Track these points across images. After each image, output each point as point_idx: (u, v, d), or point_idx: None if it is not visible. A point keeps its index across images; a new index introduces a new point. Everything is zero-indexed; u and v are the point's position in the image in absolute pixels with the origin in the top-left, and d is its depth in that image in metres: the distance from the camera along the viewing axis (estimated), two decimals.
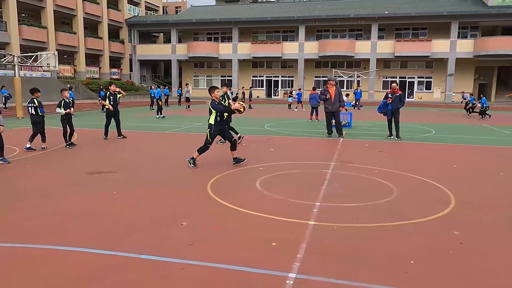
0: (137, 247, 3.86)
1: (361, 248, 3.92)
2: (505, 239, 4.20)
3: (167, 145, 10.76)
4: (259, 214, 4.85)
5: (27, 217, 4.75)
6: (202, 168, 7.56)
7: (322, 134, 12.74)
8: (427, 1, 39.87)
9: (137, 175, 7.05)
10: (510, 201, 5.62)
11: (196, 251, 3.79)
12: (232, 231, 4.35)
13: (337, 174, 7.12)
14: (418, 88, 40.50)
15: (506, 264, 3.61)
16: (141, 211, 5.00)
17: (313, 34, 41.71)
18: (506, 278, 3.35)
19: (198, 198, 5.60)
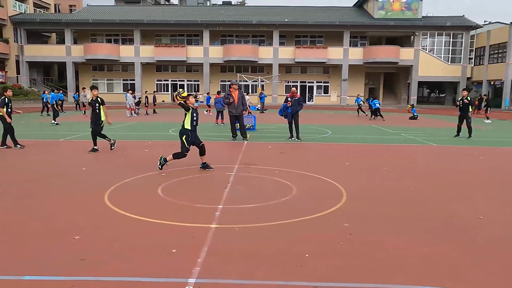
0: (22, 267, 3.47)
1: (261, 246, 4.03)
2: (388, 229, 4.67)
3: (62, 154, 9.93)
4: (159, 222, 4.72)
5: None
6: (100, 177, 7.13)
7: (227, 138, 12.88)
8: (323, 12, 42.89)
9: (29, 186, 6.37)
10: (393, 194, 6.28)
11: (89, 266, 3.54)
12: (130, 241, 4.16)
13: (241, 176, 7.25)
14: (317, 92, 43.26)
15: (389, 251, 4.01)
16: (30, 226, 4.52)
17: (218, 38, 42.10)
18: (388, 264, 3.71)
19: (94, 209, 5.26)
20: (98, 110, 9.94)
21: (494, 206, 5.65)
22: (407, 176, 7.56)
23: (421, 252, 3.95)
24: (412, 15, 39.76)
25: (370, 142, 12.78)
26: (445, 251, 3.98)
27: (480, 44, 40.86)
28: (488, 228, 4.70)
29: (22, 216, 4.95)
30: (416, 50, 39.77)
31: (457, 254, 3.92)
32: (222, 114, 17.78)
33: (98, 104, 9.91)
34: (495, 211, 5.38)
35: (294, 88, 12.96)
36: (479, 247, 4.12)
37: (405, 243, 4.18)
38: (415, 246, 4.11)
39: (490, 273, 3.53)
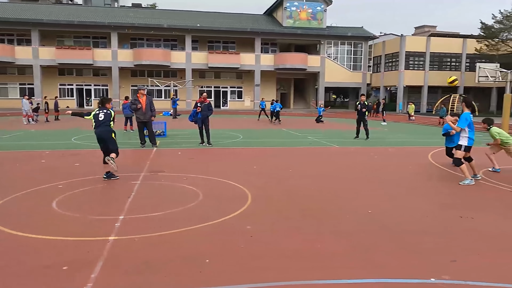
0: None
1: (160, 256, 3.96)
2: (288, 228, 4.89)
3: None
4: (51, 238, 4.39)
5: None
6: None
7: (135, 145, 12.41)
8: (235, 18, 43.57)
9: None
10: (295, 194, 6.59)
11: None
12: (15, 262, 3.80)
13: (146, 185, 7.05)
14: (230, 97, 43.75)
15: (285, 249, 4.20)
16: None
17: (127, 41, 40.46)
18: (287, 261, 3.89)
19: None
20: None
21: (384, 200, 6.24)
22: (310, 176, 7.99)
23: (315, 249, 4.20)
24: (318, 25, 42.26)
25: (279, 145, 13.27)
26: (336, 246, 4.29)
27: (377, 53, 44.82)
28: (378, 220, 5.17)
29: None
30: (322, 58, 42.30)
31: (350, 248, 4.25)
32: (131, 120, 17.11)
33: None
34: (384, 205, 5.95)
35: (205, 93, 12.95)
36: (370, 239, 4.52)
37: (301, 242, 4.42)
38: (310, 243, 4.36)
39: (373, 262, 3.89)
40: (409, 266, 3.80)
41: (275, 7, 44.45)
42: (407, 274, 3.64)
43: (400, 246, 4.32)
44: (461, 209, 5.75)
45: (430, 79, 40.19)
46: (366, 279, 3.53)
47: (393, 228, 4.92)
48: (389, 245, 4.35)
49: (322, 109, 26.03)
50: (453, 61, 41.01)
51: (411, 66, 40.23)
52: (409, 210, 5.77)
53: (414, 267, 3.78)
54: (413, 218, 5.36)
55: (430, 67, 40.32)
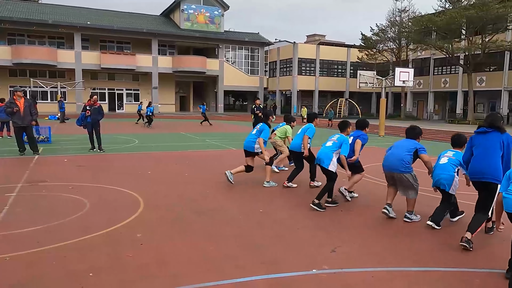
0: None
1: (37, 274, 3.60)
2: (177, 234, 4.83)
3: None
4: None
5: None
6: None
7: (14, 153, 11.11)
8: (130, 18, 41.75)
9: None
10: (187, 199, 6.54)
11: None
12: None
13: (24, 197, 6.35)
14: (127, 100, 41.80)
15: (177, 255, 4.14)
16: None
17: (4, 38, 36.18)
18: (178, 267, 3.83)
19: None
20: None
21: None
22: (204, 181, 8.00)
23: (208, 252, 4.23)
24: (215, 29, 42.65)
25: (176, 149, 13.06)
26: (228, 248, 4.37)
27: (273, 59, 46.91)
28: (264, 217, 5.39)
29: None
30: (221, 62, 42.81)
31: (241, 248, 4.36)
32: (8, 125, 15.25)
33: None
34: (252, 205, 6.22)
35: (95, 96, 12.10)
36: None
37: (193, 246, 4.40)
38: (199, 247, 4.37)
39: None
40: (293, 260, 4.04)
41: (172, 9, 43.71)
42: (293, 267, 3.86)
43: (288, 243, 4.57)
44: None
45: (320, 84, 43.36)
46: (255, 276, 3.66)
47: (284, 225, 5.19)
48: (279, 243, 4.57)
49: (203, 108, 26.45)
50: (339, 68, 44.83)
51: (303, 72, 42.91)
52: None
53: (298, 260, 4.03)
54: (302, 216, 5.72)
55: (320, 73, 43.49)
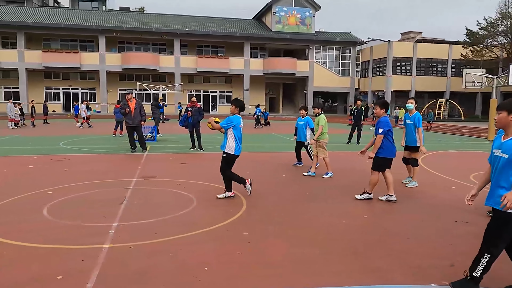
0: None
1: (157, 264, 3.88)
2: (280, 234, 4.85)
3: None
4: (43, 246, 4.26)
5: None
6: None
7: (126, 150, 12.26)
8: (224, 23, 43.59)
9: None
10: (291, 199, 6.56)
11: None
12: (6, 273, 3.67)
13: (139, 190, 6.94)
14: (220, 102, 43.66)
15: (281, 256, 4.16)
16: None
17: (115, 45, 40.14)
18: (282, 268, 3.85)
19: None
20: None
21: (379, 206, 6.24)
22: (302, 182, 7.96)
23: (308, 255, 4.17)
24: (306, 30, 42.53)
25: (271, 150, 13.25)
26: (333, 252, 4.27)
27: (365, 58, 45.28)
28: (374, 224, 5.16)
29: None
30: (311, 63, 42.56)
31: (343, 253, 4.23)
32: (122, 124, 16.92)
33: None
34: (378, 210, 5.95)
35: (194, 98, 12.84)
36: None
37: (292, 248, 4.38)
38: (301, 250, 4.33)
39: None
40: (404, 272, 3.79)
41: (264, 12, 44.62)
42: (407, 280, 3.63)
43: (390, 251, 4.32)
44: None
45: (417, 84, 40.73)
46: (367, 286, 3.51)
47: (386, 233, 4.92)
48: (381, 250, 4.34)
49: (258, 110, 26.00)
50: (439, 66, 41.65)
51: (398, 71, 40.71)
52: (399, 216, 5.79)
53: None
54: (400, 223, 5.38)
55: (417, 72, 40.86)
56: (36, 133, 18.34)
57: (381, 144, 6.27)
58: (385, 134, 6.25)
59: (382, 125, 6.26)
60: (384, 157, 6.32)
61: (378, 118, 6.42)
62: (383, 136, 6.25)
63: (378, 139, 6.27)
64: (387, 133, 6.28)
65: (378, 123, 6.31)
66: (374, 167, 6.41)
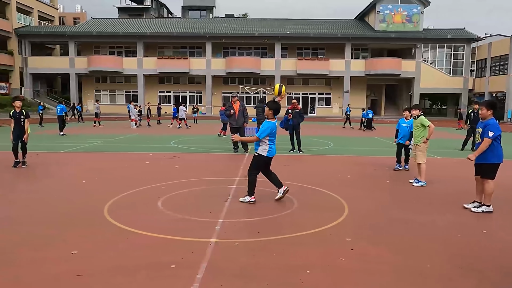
0: (17, 282, 3.41)
1: (261, 262, 3.96)
2: (385, 242, 4.59)
3: (63, 165, 9.83)
4: (159, 236, 4.65)
5: None
6: (100, 189, 7.08)
7: (228, 150, 12.85)
8: (325, 24, 43.23)
9: (25, 201, 6.33)
10: (396, 206, 6.19)
11: (85, 283, 3.47)
12: (128, 256, 4.09)
13: (242, 189, 7.17)
14: (319, 104, 43.33)
15: (386, 265, 3.93)
16: (24, 241, 4.45)
17: (220, 50, 42.39)
18: (387, 278, 3.64)
19: (93, 221, 5.20)
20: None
21: None
22: (404, 190, 7.47)
23: (417, 267, 3.86)
24: (413, 28, 39.99)
25: (373, 154, 12.71)
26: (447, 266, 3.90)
27: (481, 56, 40.99)
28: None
29: (19, 225, 4.89)
30: (418, 62, 39.89)
31: None
32: (226, 126, 17.80)
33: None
34: None
35: (295, 100, 12.94)
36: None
37: (396, 257, 4.10)
38: (407, 260, 4.02)
39: None
40: None
41: (367, 11, 43.15)
42: None
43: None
44: None
45: None
46: None
47: None
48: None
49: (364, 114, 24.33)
50: None
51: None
52: None
53: None
54: None
55: None
56: (151, 133, 20.22)
57: (491, 148, 5.75)
58: (495, 138, 5.72)
59: (492, 128, 5.72)
60: (495, 163, 5.80)
61: (484, 120, 5.89)
62: (491, 141, 5.69)
63: (485, 143, 5.72)
64: (497, 137, 5.75)
65: (487, 126, 5.77)
66: (487, 175, 5.80)
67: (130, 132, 20.02)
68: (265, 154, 6.34)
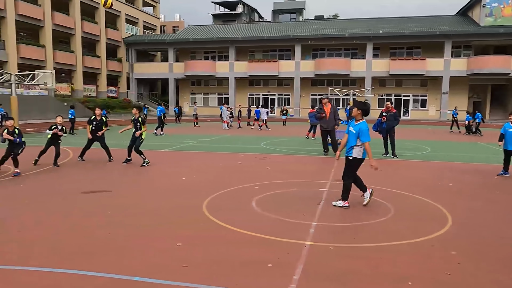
0: (129, 268, 3.80)
1: (358, 269, 3.87)
2: (490, 260, 4.17)
3: (163, 163, 10.65)
4: (254, 234, 4.81)
5: (13, 237, 4.67)
6: (198, 187, 7.53)
7: (318, 152, 12.76)
8: (421, 21, 40.66)
9: (132, 194, 7.00)
10: (506, 221, 5.61)
11: (190, 273, 3.73)
12: (228, 252, 4.29)
13: (334, 193, 7.09)
14: (413, 106, 40.87)
15: (498, 286, 3.58)
16: (134, 231, 4.93)
17: (309, 52, 42.25)
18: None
19: (193, 216, 5.55)
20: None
21: None
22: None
23: None
24: None
25: (477, 161, 11.64)
26: None
27: None
28: None
29: (130, 216, 5.42)
30: None
31: None
32: (315, 128, 17.72)
33: (139, 123, 10.08)
34: None
35: (389, 102, 12.36)
36: None
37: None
38: None
39: None
40: None
41: (471, 5, 39.61)
42: None
43: None
44: None
45: None
46: None
47: None
48: None
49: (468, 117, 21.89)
50: None
51: None
52: None
53: None
54: None
55: None
56: (242, 134, 20.92)
57: None
58: None
59: None
60: None
61: None
62: None
63: None
64: None
65: None
66: None
67: (222, 133, 20.93)
68: (361, 157, 6.21)
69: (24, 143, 8.83)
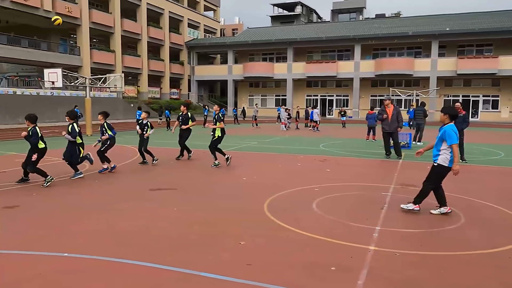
0: (193, 264, 3.97)
1: (425, 277, 3.73)
2: None
3: (222, 163, 10.89)
4: (316, 237, 4.80)
5: (84, 230, 5.06)
6: (259, 187, 7.65)
7: (379, 155, 12.39)
8: (493, 16, 37.95)
9: (196, 193, 7.28)
10: None
11: (254, 272, 3.81)
12: (291, 253, 4.33)
13: (398, 198, 6.87)
14: (483, 108, 38.23)
15: None
16: (198, 229, 5.13)
17: (369, 53, 41.06)
18: None
19: (255, 216, 5.66)
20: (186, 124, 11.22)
21: None
22: None
23: None
24: None
25: None
26: None
27: None
28: None
29: (196, 211, 5.64)
30: None
31: None
32: (374, 130, 17.23)
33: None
34: None
35: (458, 103, 11.70)
36: None
37: None
38: None
39: None
40: None
41: None
42: None
43: None
44: None
45: None
46: None
47: None
48: None
49: None
50: None
51: None
52: None
53: None
54: None
55: None
56: (300, 135, 20.85)
57: None
58: None
59: None
60: None
61: None
62: None
63: None
64: None
65: None
66: None
67: (280, 134, 21.01)
68: (447, 164, 5.81)
69: (114, 138, 9.78)
